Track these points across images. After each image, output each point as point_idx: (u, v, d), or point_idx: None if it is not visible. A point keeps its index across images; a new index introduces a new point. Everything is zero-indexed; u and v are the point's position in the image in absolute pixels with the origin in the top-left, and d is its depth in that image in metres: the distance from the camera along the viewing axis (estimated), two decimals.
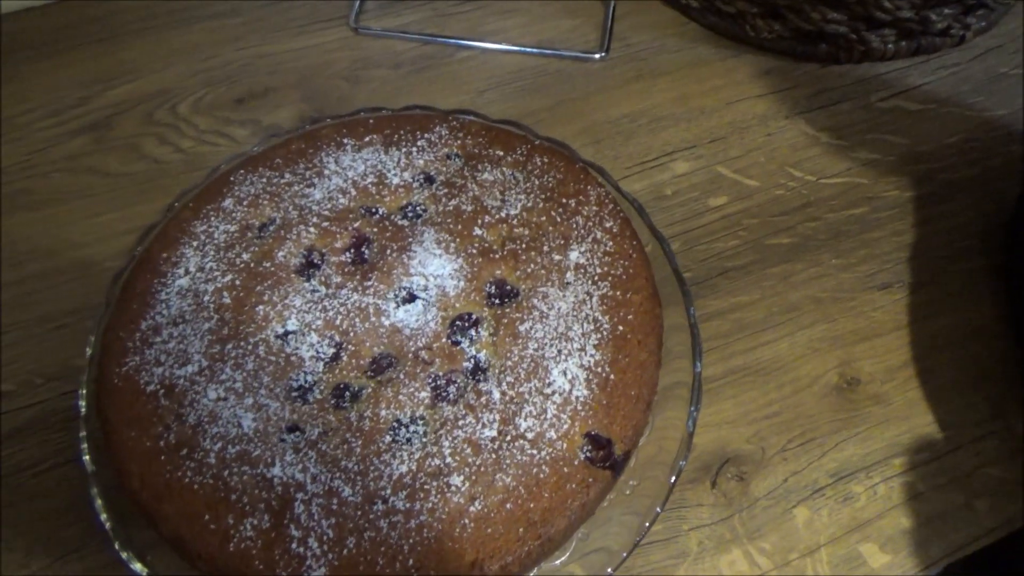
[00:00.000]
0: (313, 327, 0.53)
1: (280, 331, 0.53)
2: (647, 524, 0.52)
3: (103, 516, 0.51)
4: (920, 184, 0.79)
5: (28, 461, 0.64)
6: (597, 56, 0.87)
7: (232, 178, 0.61)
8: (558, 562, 0.53)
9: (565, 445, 0.49)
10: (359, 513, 0.46)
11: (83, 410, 0.55)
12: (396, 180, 0.59)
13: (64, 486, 0.63)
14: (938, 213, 0.77)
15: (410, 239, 0.56)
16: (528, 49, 0.88)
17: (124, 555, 0.49)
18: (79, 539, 0.61)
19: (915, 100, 0.84)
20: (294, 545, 0.46)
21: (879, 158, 0.81)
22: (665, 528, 0.62)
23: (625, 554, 0.52)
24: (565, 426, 0.50)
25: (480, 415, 0.49)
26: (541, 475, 0.48)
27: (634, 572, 0.61)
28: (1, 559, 0.60)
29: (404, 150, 0.61)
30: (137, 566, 0.49)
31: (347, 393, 0.51)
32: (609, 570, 0.51)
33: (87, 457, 0.52)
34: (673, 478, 0.53)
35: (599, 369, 0.52)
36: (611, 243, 0.56)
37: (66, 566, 0.60)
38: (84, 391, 0.55)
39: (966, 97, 0.85)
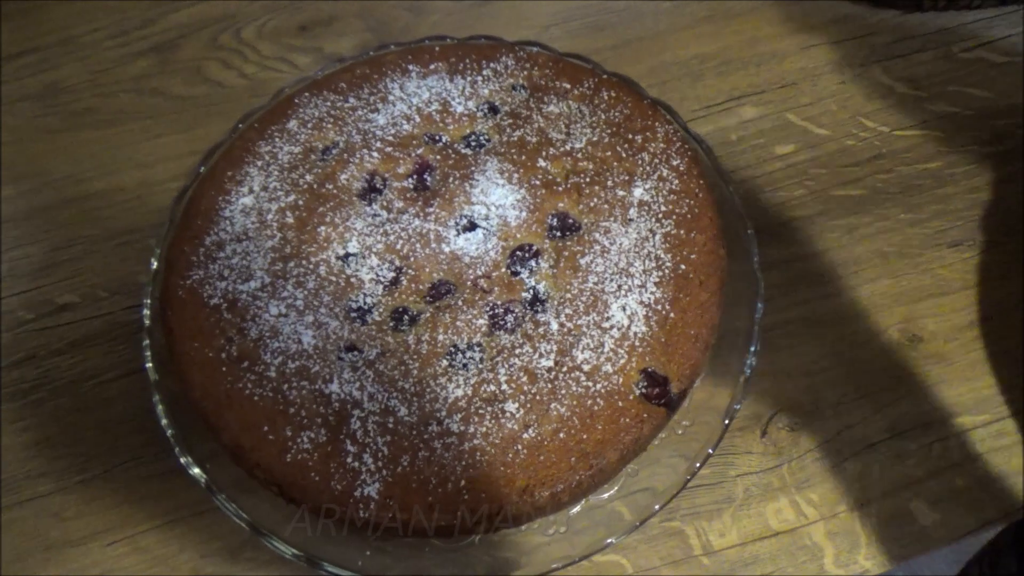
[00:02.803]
0: (374, 250, 0.53)
1: (341, 252, 0.53)
2: (697, 464, 0.52)
3: (164, 422, 0.52)
4: (1000, 140, 0.75)
5: (92, 371, 0.66)
6: None
7: (297, 100, 0.61)
8: (606, 495, 0.53)
9: (621, 379, 0.49)
10: (414, 433, 0.47)
11: (147, 321, 0.56)
12: (460, 109, 0.59)
13: (126, 396, 0.65)
14: (1017, 171, 0.74)
15: (473, 168, 0.55)
16: None
17: (184, 460, 0.50)
18: (138, 447, 0.63)
19: (1000, 52, 0.81)
20: (349, 459, 0.47)
21: (958, 111, 0.77)
22: (712, 473, 0.62)
23: (674, 493, 0.52)
24: (622, 361, 0.49)
25: (537, 345, 0.49)
26: (595, 407, 0.48)
27: (679, 514, 0.61)
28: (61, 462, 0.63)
29: (469, 79, 0.60)
30: (196, 471, 0.50)
31: (405, 317, 0.51)
32: (656, 507, 0.51)
33: (150, 365, 0.54)
34: (727, 420, 0.52)
35: (659, 307, 0.51)
36: (677, 181, 0.55)
37: (126, 472, 0.62)
38: (148, 302, 0.56)
39: None
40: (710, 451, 0.53)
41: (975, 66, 0.80)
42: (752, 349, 0.52)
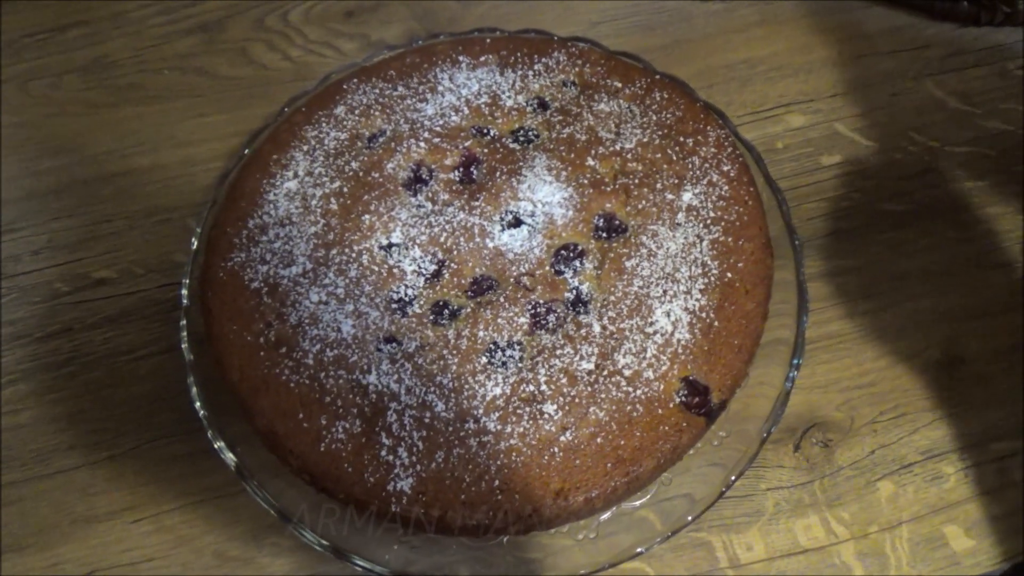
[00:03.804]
0: (417, 242, 0.52)
1: (384, 242, 0.53)
2: (733, 477, 0.51)
3: (198, 405, 0.52)
4: None
5: (126, 346, 0.66)
6: None
7: (345, 86, 0.60)
8: (638, 503, 0.52)
9: (662, 387, 0.48)
10: (450, 429, 0.47)
11: (185, 301, 0.56)
12: (510, 102, 0.58)
13: (158, 374, 0.65)
14: None
15: (521, 163, 0.55)
16: None
17: (217, 445, 0.50)
18: (168, 425, 0.63)
19: None
20: (383, 452, 0.46)
21: (1011, 130, 0.75)
22: (742, 485, 0.61)
23: (708, 505, 0.51)
24: (664, 367, 0.49)
25: (579, 347, 0.48)
26: (635, 413, 0.48)
27: (706, 524, 0.60)
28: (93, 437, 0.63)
29: (520, 72, 0.60)
30: (229, 456, 0.50)
31: (446, 311, 0.50)
32: (689, 518, 0.50)
33: (185, 345, 0.53)
34: (766, 433, 0.51)
35: (704, 314, 0.50)
36: (727, 187, 0.54)
37: (154, 450, 0.62)
38: (187, 282, 0.56)
39: None
40: (746, 464, 0.52)
41: None
42: (795, 362, 0.51)
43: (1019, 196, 0.72)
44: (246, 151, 0.61)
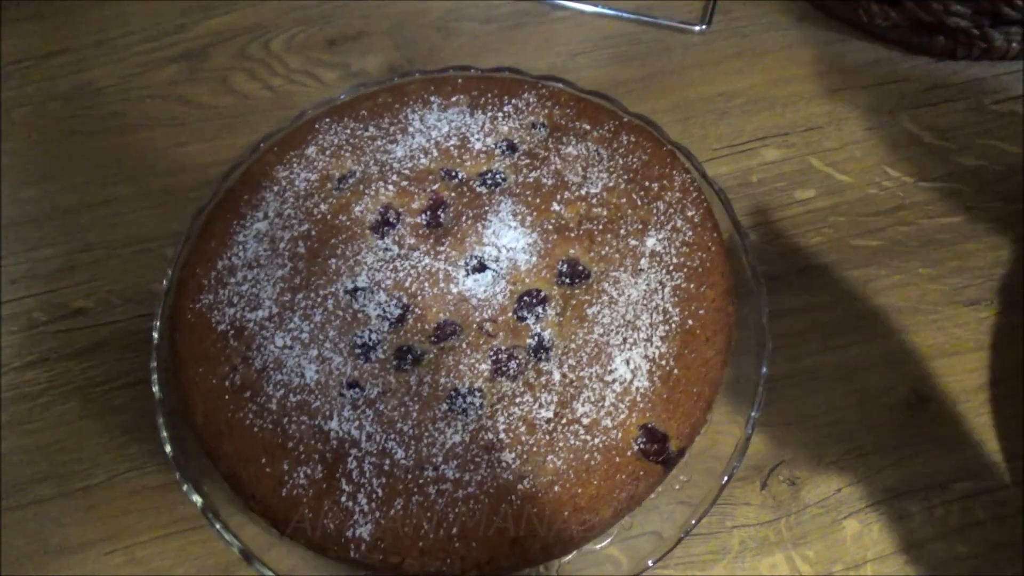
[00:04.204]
0: (382, 286, 0.53)
1: (350, 286, 0.53)
2: (694, 521, 0.52)
3: (167, 448, 0.52)
4: None
5: (102, 377, 0.67)
6: (697, 28, 0.84)
7: (317, 125, 0.61)
8: (599, 546, 0.53)
9: (620, 435, 0.49)
10: (409, 476, 0.47)
11: (156, 339, 0.56)
12: (479, 145, 0.59)
13: (133, 405, 0.66)
14: None
15: (487, 208, 0.55)
16: (626, 14, 0.85)
17: (184, 487, 0.51)
18: (143, 456, 0.63)
19: None
20: (343, 499, 0.47)
21: (985, 165, 0.76)
22: (708, 522, 0.62)
23: (671, 546, 0.51)
24: (622, 416, 0.49)
25: (538, 395, 0.49)
26: (592, 462, 0.48)
27: (672, 562, 0.60)
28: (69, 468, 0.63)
29: (490, 114, 0.60)
30: (196, 498, 0.51)
31: (409, 356, 0.51)
32: (650, 563, 0.51)
33: (156, 388, 0.54)
34: (725, 479, 0.52)
35: (663, 362, 0.51)
36: (691, 233, 0.55)
37: (127, 481, 0.63)
38: (157, 324, 0.56)
39: None
40: (708, 507, 0.52)
41: (1006, 119, 0.79)
42: (752, 415, 0.52)
43: (992, 232, 0.73)
44: (222, 187, 0.61)
